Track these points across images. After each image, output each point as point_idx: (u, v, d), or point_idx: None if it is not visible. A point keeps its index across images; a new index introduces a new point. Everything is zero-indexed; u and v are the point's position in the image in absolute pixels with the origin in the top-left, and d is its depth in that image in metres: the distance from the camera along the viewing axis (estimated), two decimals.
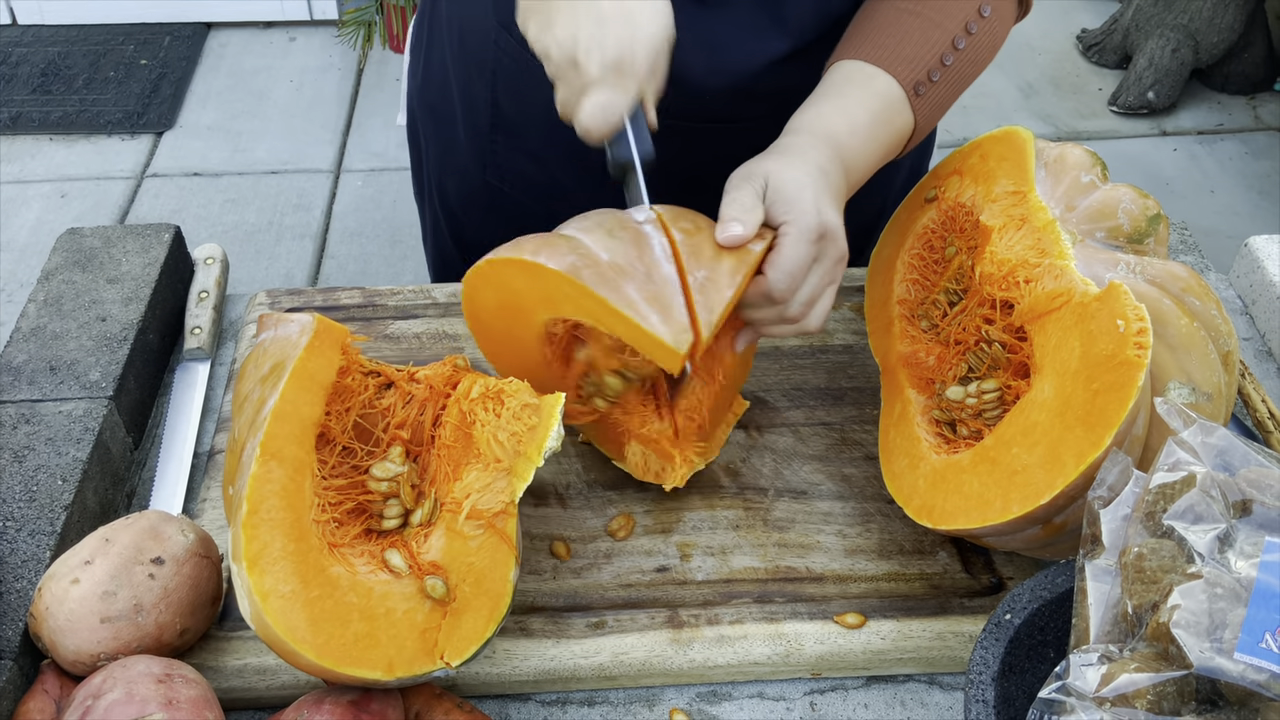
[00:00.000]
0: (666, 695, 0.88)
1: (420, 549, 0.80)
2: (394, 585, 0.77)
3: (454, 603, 0.78)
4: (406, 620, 0.76)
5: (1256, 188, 3.16)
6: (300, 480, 0.78)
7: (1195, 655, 0.61)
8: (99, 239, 1.15)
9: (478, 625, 0.78)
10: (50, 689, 0.81)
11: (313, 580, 0.74)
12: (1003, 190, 0.93)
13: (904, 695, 0.88)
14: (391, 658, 0.75)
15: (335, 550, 0.78)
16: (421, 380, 0.89)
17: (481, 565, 0.80)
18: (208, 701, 0.76)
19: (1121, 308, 0.77)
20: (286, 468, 0.77)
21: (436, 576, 0.78)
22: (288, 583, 0.73)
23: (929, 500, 0.86)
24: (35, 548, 0.88)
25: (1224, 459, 0.70)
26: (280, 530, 0.75)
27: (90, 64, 3.55)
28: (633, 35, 0.85)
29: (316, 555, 0.76)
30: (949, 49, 0.98)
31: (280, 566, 0.73)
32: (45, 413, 0.98)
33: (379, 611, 0.76)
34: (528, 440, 0.83)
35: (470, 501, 0.81)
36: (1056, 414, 0.78)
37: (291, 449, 0.78)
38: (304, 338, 0.84)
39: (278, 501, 0.75)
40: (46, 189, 3.12)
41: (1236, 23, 3.33)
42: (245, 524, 0.73)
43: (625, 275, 0.84)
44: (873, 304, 1.05)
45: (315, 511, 0.78)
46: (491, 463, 0.83)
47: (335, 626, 0.73)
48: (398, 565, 0.78)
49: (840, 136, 0.93)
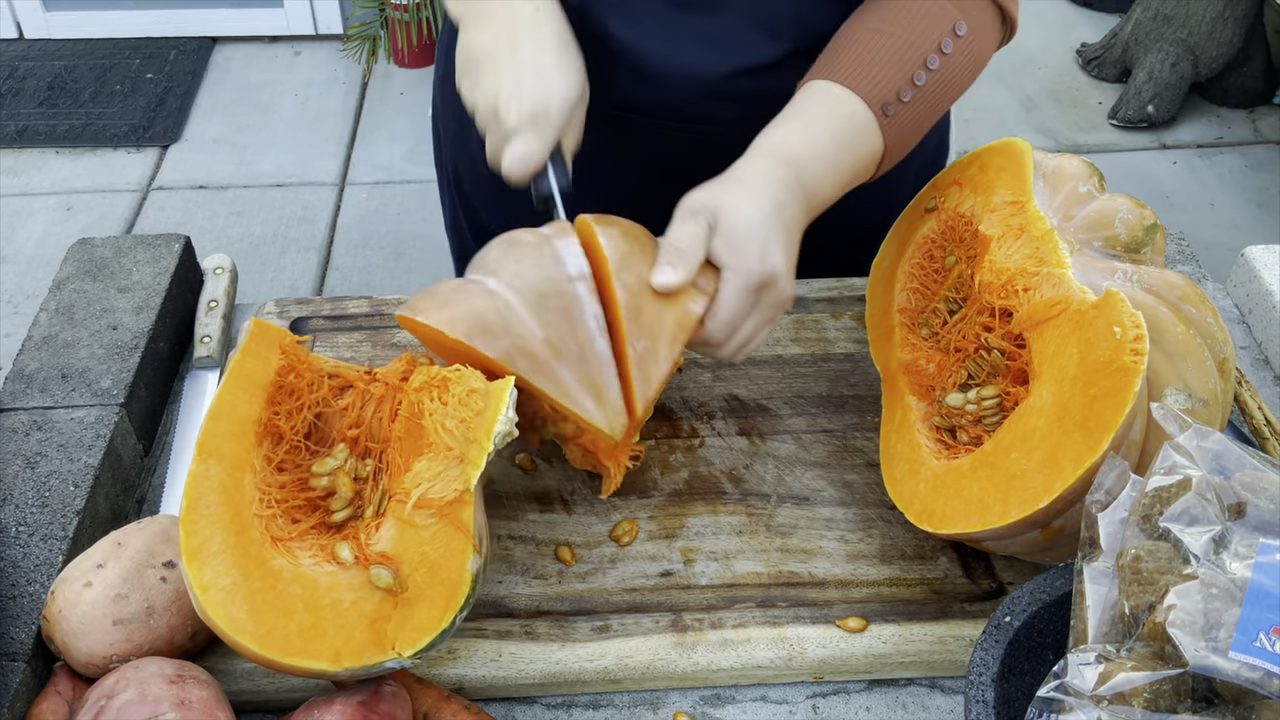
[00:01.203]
0: (670, 698, 0.89)
1: (370, 540, 0.80)
2: (341, 576, 0.78)
3: (405, 593, 0.78)
4: (354, 611, 0.76)
5: (1256, 200, 3.18)
6: (239, 476, 0.80)
7: (1191, 654, 0.62)
8: (110, 249, 1.17)
9: (432, 615, 0.77)
10: (63, 691, 0.82)
11: (254, 573, 0.76)
12: (1001, 200, 0.95)
13: (905, 698, 0.89)
14: (339, 648, 0.75)
15: (279, 544, 0.79)
16: (380, 379, 0.90)
17: (435, 554, 0.79)
18: (219, 702, 0.77)
19: (1119, 315, 0.79)
20: (224, 465, 0.80)
21: (383, 566, 0.78)
22: (227, 575, 0.75)
23: (929, 505, 0.87)
24: (48, 552, 0.89)
25: (1219, 463, 0.71)
26: (219, 525, 0.77)
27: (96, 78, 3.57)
28: (548, 90, 0.94)
29: (257, 548, 0.77)
30: (921, 68, 0.98)
31: (220, 560, 0.75)
32: (57, 419, 0.99)
33: (325, 602, 0.76)
34: (476, 426, 0.82)
35: (419, 491, 0.80)
36: (1055, 419, 0.79)
37: (229, 446, 0.81)
38: (241, 341, 0.87)
39: (216, 498, 0.78)
40: (53, 201, 3.14)
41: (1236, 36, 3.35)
42: (184, 519, 0.76)
43: (559, 356, 0.86)
44: (874, 312, 1.07)
45: (257, 506, 0.80)
46: (442, 451, 0.82)
47: (278, 618, 0.74)
48: (345, 557, 0.79)
49: (803, 162, 0.93)
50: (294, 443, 0.87)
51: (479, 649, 0.88)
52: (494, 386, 0.84)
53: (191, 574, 0.74)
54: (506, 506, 1.00)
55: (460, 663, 0.87)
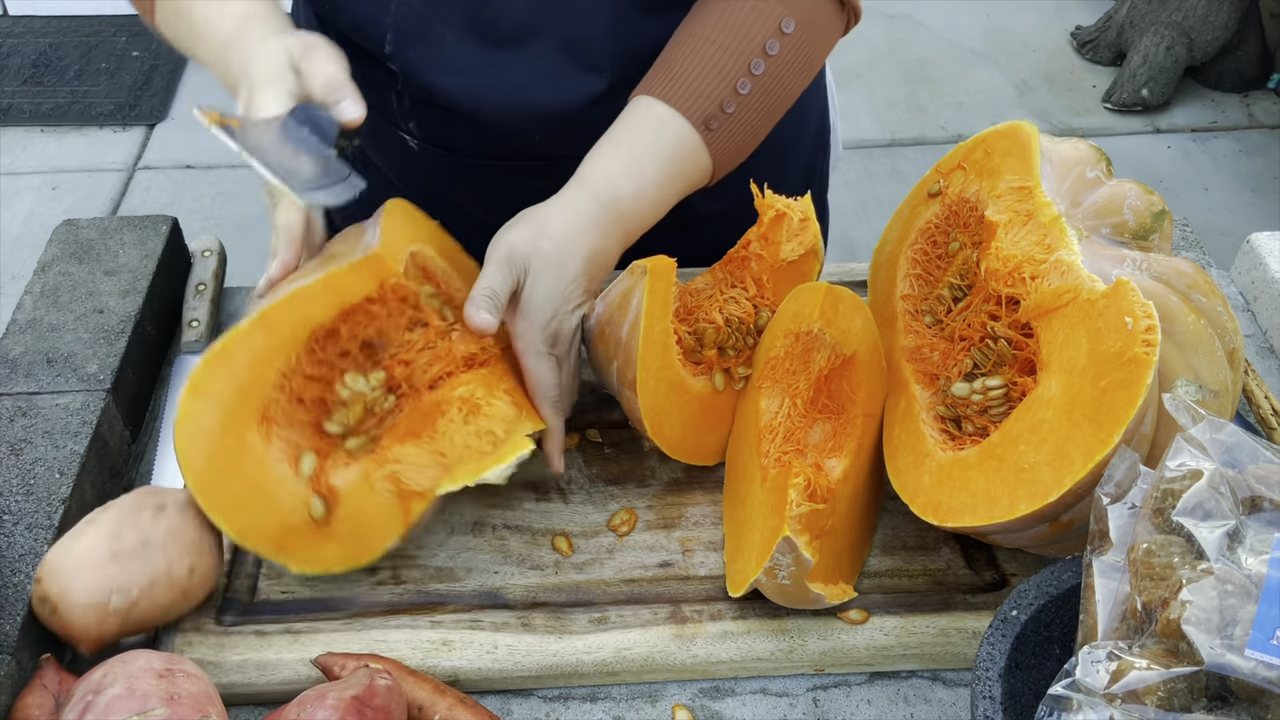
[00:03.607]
0: (669, 691, 0.88)
1: (333, 471, 0.85)
2: (289, 482, 0.83)
3: (327, 528, 0.84)
4: (280, 514, 0.83)
5: (1250, 185, 3.17)
6: (273, 355, 0.84)
7: (1206, 652, 0.61)
8: (95, 231, 1.14)
9: (328, 558, 0.84)
10: (49, 684, 0.80)
11: (230, 430, 0.81)
12: (1008, 185, 0.93)
13: (907, 691, 0.88)
14: (247, 529, 0.82)
15: (266, 422, 0.83)
16: (450, 340, 0.92)
17: (371, 519, 0.85)
18: (209, 697, 0.75)
19: (1129, 305, 0.77)
20: (270, 339, 0.83)
21: (322, 500, 0.84)
22: (209, 420, 0.81)
23: (934, 497, 0.86)
24: (33, 541, 0.87)
25: (1232, 455, 0.70)
26: (232, 380, 0.82)
27: (82, 55, 3.53)
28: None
29: (247, 415, 0.82)
30: (745, 75, 0.96)
31: (211, 405, 0.81)
32: (42, 405, 0.97)
33: (264, 492, 0.82)
34: (475, 461, 0.87)
35: (395, 467, 0.85)
36: (1064, 411, 0.78)
37: (284, 328, 0.84)
38: (357, 255, 0.89)
39: (245, 359, 0.82)
40: (38, 181, 3.10)
41: (1230, 20, 3.33)
42: (208, 357, 0.81)
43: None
44: (876, 299, 1.05)
45: (272, 387, 0.84)
46: (437, 453, 0.87)
47: (223, 477, 0.81)
48: (304, 469, 0.84)
49: (624, 203, 0.94)
50: (346, 348, 0.89)
51: (475, 641, 0.87)
52: (514, 439, 0.88)
53: (183, 401, 0.80)
54: (502, 495, 0.98)
55: (455, 655, 0.86)
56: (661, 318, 0.93)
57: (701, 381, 0.98)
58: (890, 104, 3.47)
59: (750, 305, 1.01)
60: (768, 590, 0.86)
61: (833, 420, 0.96)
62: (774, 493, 0.88)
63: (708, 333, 0.98)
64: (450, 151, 1.13)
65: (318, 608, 0.90)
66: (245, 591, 0.91)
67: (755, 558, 0.86)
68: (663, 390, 0.94)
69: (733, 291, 1.02)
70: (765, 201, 1.00)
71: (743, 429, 0.98)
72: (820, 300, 0.96)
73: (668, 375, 0.94)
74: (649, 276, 0.90)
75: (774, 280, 1.02)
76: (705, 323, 0.99)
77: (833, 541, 0.89)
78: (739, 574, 0.88)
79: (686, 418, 0.96)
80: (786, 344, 0.97)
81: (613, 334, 0.93)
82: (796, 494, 0.86)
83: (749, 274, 1.02)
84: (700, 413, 0.98)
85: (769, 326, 1.00)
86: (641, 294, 0.90)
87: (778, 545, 0.81)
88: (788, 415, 0.95)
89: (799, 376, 0.97)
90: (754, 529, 0.88)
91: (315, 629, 0.88)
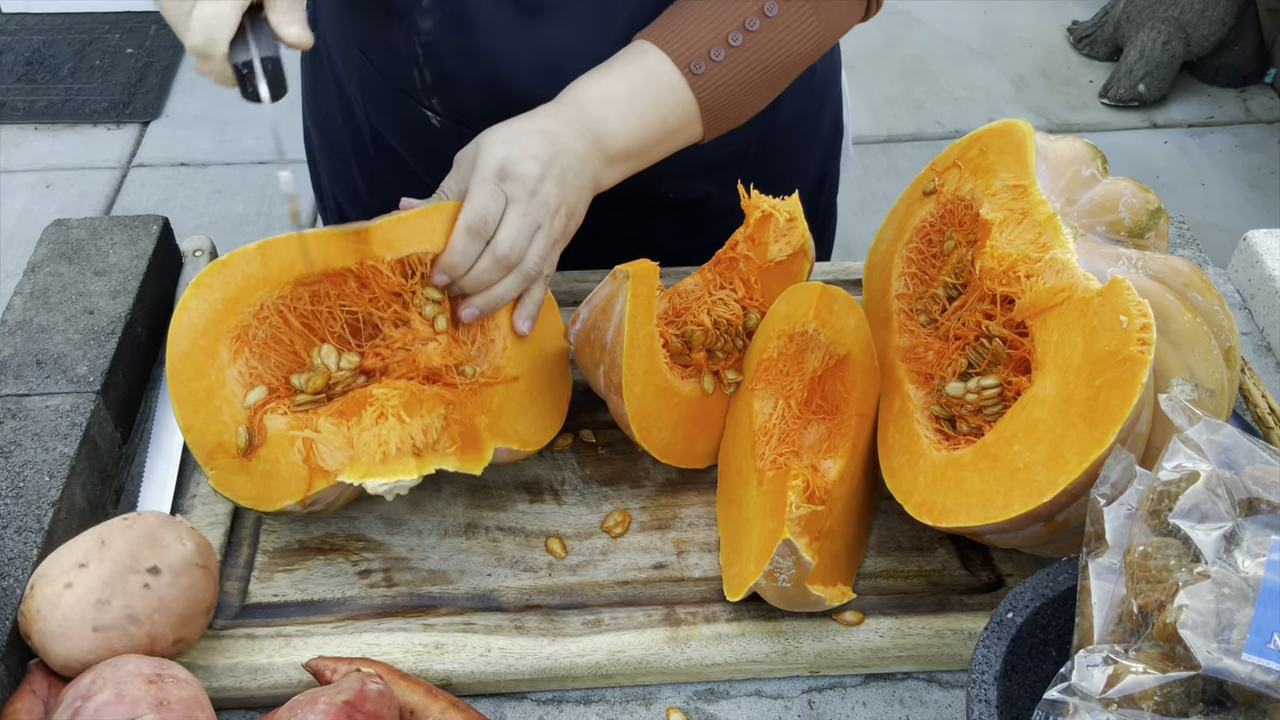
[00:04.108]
0: (664, 694, 0.87)
1: (273, 413, 0.88)
2: (234, 403, 0.88)
3: (246, 461, 0.87)
4: (217, 426, 0.87)
5: (1247, 180, 3.16)
6: (258, 285, 0.89)
7: (1203, 656, 0.60)
8: (86, 230, 1.14)
9: (238, 488, 0.87)
10: (38, 689, 0.80)
11: (208, 334, 0.87)
12: (1003, 184, 0.92)
13: (903, 693, 0.88)
14: (191, 427, 0.87)
15: (239, 341, 0.88)
16: (424, 349, 0.92)
17: (278, 473, 0.87)
18: (199, 702, 0.75)
19: (1125, 303, 0.77)
20: (263, 269, 0.89)
21: (248, 433, 0.87)
22: (198, 316, 0.87)
23: (929, 497, 0.85)
24: (23, 545, 0.86)
25: (1229, 456, 0.70)
26: (223, 291, 0.88)
27: (76, 52, 3.51)
28: None
29: (224, 328, 0.88)
30: (738, 29, 0.98)
31: (205, 305, 0.87)
32: (32, 408, 0.96)
33: (212, 401, 0.87)
34: (365, 463, 0.86)
35: (310, 435, 0.87)
36: (1059, 411, 0.77)
37: (275, 265, 0.89)
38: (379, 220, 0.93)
39: (239, 278, 0.88)
40: (31, 179, 3.09)
41: (1227, 15, 3.33)
42: (215, 263, 0.88)
43: None
44: (870, 298, 1.05)
45: (251, 314, 0.89)
46: (348, 440, 0.87)
47: (190, 373, 0.87)
48: (249, 399, 0.88)
49: (588, 105, 0.95)
50: (335, 313, 0.93)
51: (467, 644, 0.86)
52: (400, 463, 0.86)
53: (187, 293, 0.87)
54: (495, 496, 0.98)
55: (448, 658, 0.85)
56: (645, 322, 0.92)
57: (690, 385, 0.97)
58: (887, 100, 3.46)
59: (739, 307, 1.00)
60: (767, 594, 0.85)
61: (827, 421, 0.96)
62: (771, 495, 0.87)
63: (695, 335, 0.98)
64: (471, 128, 1.11)
65: (309, 610, 0.89)
66: (236, 594, 0.90)
67: (754, 561, 0.85)
68: (650, 394, 0.93)
69: (721, 293, 1.01)
70: (751, 202, 0.99)
71: (736, 431, 0.97)
72: (815, 300, 0.95)
73: (654, 379, 0.93)
74: (631, 281, 0.89)
75: (763, 281, 1.01)
76: (693, 325, 0.98)
77: (831, 543, 0.88)
78: (737, 578, 0.88)
79: (675, 421, 0.96)
80: (780, 345, 0.96)
81: (598, 339, 0.92)
82: (796, 496, 0.85)
83: (737, 275, 1.01)
84: (689, 416, 0.97)
85: (761, 327, 1.00)
86: (625, 299, 0.89)
87: (778, 548, 0.80)
88: (782, 417, 0.94)
89: (792, 378, 0.96)
90: (751, 532, 0.88)
91: (307, 632, 0.87)
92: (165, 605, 0.80)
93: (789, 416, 0.95)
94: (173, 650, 0.81)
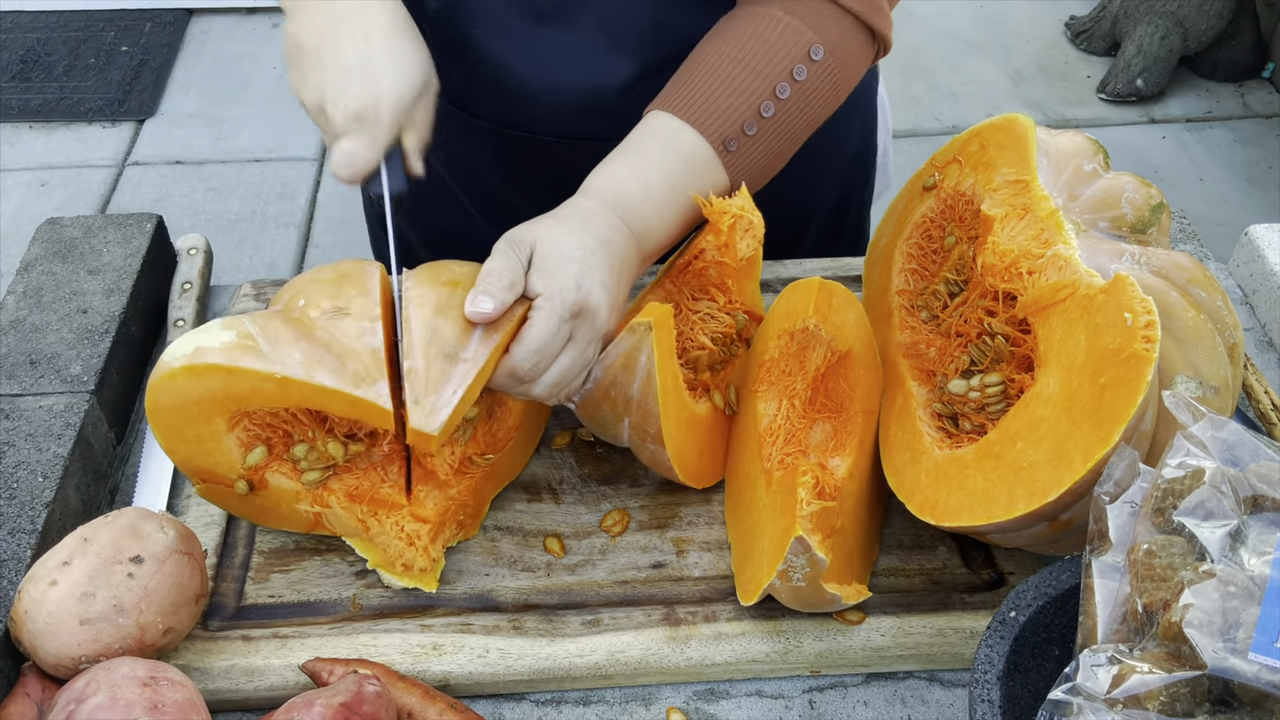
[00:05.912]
0: (663, 694, 0.86)
1: (276, 473, 0.89)
2: (231, 454, 0.87)
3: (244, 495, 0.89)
4: (212, 466, 0.87)
5: (1245, 175, 3.16)
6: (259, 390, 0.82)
7: (1208, 656, 0.60)
8: (79, 229, 1.13)
9: (230, 502, 0.90)
10: (32, 692, 0.79)
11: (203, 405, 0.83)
12: (1004, 179, 0.91)
13: (904, 692, 0.87)
14: (175, 452, 0.86)
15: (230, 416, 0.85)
16: (386, 462, 0.92)
17: (277, 510, 0.90)
18: (194, 705, 0.74)
19: (1129, 300, 0.76)
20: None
21: (249, 485, 0.88)
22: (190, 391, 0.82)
23: (932, 496, 0.84)
24: (16, 546, 0.85)
25: (1233, 454, 0.69)
26: (221, 382, 0.82)
27: (70, 50, 3.50)
28: (376, 87, 0.87)
29: (220, 410, 0.84)
30: (769, 98, 0.93)
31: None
32: (25, 408, 0.95)
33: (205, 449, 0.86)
34: (383, 552, 0.90)
35: (315, 508, 0.90)
36: (1063, 409, 0.77)
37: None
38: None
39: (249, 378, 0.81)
40: (26, 178, 3.07)
41: (1225, 10, 3.32)
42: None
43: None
44: (871, 294, 1.04)
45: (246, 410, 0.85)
46: (360, 521, 0.90)
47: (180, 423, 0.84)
48: (251, 460, 0.87)
49: (630, 204, 0.90)
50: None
51: (465, 644, 0.85)
52: (418, 578, 0.89)
53: (174, 371, 0.81)
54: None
55: (446, 659, 0.85)
56: (671, 366, 0.90)
57: (703, 405, 0.96)
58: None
59: (727, 316, 0.99)
60: (782, 595, 0.84)
61: (833, 419, 0.95)
62: (781, 494, 0.86)
63: (701, 359, 0.97)
64: (468, 113, 1.10)
65: (306, 611, 0.89)
66: (232, 595, 0.90)
67: (767, 562, 0.84)
68: (682, 431, 0.92)
69: (704, 307, 0.99)
70: (716, 208, 0.94)
71: (742, 436, 0.96)
72: (814, 296, 0.95)
73: (683, 415, 0.92)
74: (656, 331, 0.85)
75: (735, 280, 1.00)
76: (696, 350, 0.97)
77: (843, 540, 0.87)
78: (750, 581, 0.87)
79: (701, 446, 0.95)
80: (780, 344, 0.96)
81: (619, 394, 0.88)
82: (806, 492, 0.84)
83: (709, 282, 0.99)
84: (707, 434, 0.96)
85: (760, 329, 0.99)
86: (650, 349, 0.85)
87: (790, 546, 0.79)
88: (787, 417, 0.94)
89: (795, 377, 0.95)
90: (763, 533, 0.87)
91: (303, 634, 0.86)
92: (151, 593, 0.79)
93: (794, 416, 0.94)
94: (164, 640, 0.81)
